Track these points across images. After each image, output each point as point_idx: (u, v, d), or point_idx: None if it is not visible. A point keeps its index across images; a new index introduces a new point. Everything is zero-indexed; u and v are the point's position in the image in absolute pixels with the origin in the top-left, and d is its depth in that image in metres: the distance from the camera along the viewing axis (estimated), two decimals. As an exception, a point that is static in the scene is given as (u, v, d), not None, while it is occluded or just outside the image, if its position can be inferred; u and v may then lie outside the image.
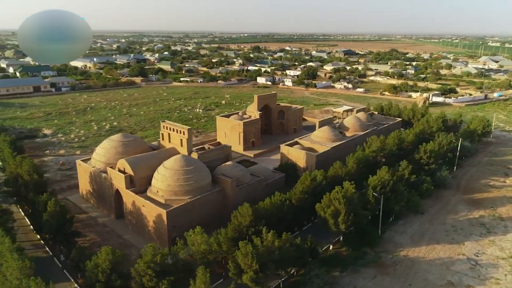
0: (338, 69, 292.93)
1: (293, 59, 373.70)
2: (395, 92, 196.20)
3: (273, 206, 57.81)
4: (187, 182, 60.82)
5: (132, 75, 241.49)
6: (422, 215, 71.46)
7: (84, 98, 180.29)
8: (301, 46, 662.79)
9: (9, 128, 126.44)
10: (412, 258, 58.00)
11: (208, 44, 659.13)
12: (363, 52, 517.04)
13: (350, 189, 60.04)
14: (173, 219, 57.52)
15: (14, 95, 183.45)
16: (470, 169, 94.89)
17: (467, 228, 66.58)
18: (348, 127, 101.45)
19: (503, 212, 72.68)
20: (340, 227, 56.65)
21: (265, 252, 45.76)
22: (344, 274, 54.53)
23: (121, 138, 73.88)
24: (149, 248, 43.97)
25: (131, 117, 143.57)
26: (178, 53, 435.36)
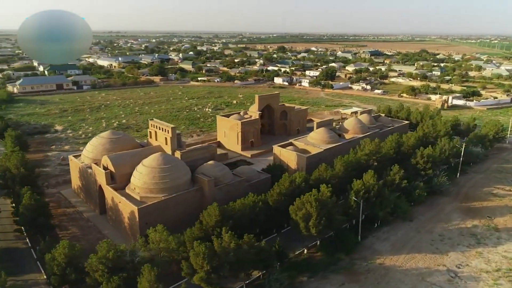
0: (360, 70, 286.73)
1: (316, 59, 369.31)
2: (414, 94, 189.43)
3: (244, 207, 57.09)
4: (162, 180, 61.19)
5: (152, 74, 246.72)
6: (411, 222, 68.42)
7: (101, 96, 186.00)
8: (328, 46, 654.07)
9: (24, 124, 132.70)
10: (388, 267, 55.57)
11: (235, 45, 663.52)
12: (391, 53, 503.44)
13: (325, 192, 58.35)
14: (146, 216, 57.94)
15: (37, 92, 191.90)
16: (475, 176, 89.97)
17: (456, 238, 63.08)
18: (348, 129, 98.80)
19: (500, 223, 68.38)
20: (311, 230, 55.13)
21: (222, 253, 45.18)
22: (312, 280, 53.05)
23: (110, 135, 75.43)
24: (104, 244, 44.51)
25: (141, 115, 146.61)
26: (202, 53, 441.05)
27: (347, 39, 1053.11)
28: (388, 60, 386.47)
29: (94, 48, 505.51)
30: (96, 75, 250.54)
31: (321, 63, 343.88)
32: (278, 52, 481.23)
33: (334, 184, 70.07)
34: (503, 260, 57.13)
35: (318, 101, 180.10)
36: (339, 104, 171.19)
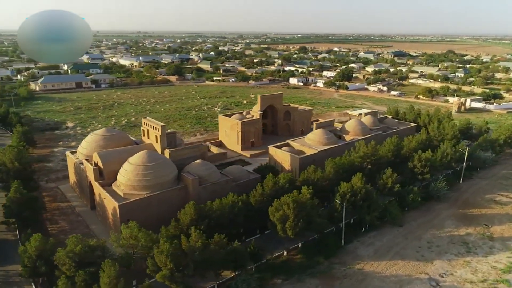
0: (380, 71, 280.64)
1: (336, 60, 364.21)
2: (431, 96, 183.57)
3: (223, 207, 56.96)
4: (145, 178, 61.94)
5: (169, 74, 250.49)
6: (400, 227, 66.25)
7: (117, 94, 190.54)
8: (352, 47, 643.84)
9: (38, 120, 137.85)
10: (366, 272, 54.02)
11: (257, 45, 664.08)
12: (416, 53, 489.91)
13: (305, 194, 57.41)
14: (127, 213, 58.76)
15: (57, 90, 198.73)
16: (479, 182, 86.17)
17: (445, 246, 60.57)
18: (349, 131, 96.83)
19: (496, 231, 65.15)
20: (288, 232, 54.35)
21: (188, 251, 45.23)
22: (287, 282, 52.32)
23: (104, 133, 77.09)
24: (73, 238, 45.48)
25: (151, 113, 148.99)
26: (223, 53, 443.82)
27: (373, 40, 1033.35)
28: (411, 61, 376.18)
29: (120, 48, 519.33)
30: (116, 74, 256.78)
31: (341, 63, 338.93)
32: (299, 53, 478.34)
33: (324, 186, 69.19)
34: (491, 271, 54.39)
35: (330, 102, 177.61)
36: (350, 106, 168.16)
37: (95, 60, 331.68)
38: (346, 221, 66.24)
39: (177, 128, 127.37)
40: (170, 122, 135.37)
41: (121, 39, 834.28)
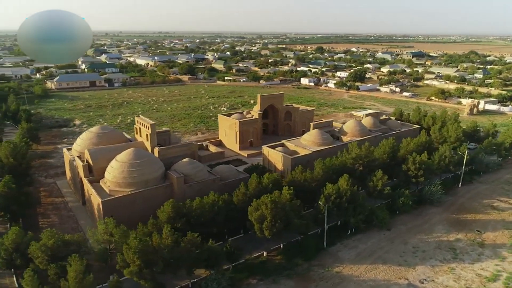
0: (395, 71, 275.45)
1: (352, 60, 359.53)
2: (444, 98, 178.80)
3: (203, 206, 57.12)
4: (130, 175, 62.82)
5: (181, 73, 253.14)
6: (388, 231, 64.83)
7: (128, 93, 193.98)
8: (371, 47, 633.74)
9: (48, 117, 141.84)
10: (344, 276, 53.12)
11: (275, 45, 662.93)
12: (436, 54, 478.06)
13: (285, 195, 56.94)
14: (110, 209, 59.69)
15: (72, 88, 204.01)
16: (479, 186, 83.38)
17: (431, 251, 58.88)
18: (347, 132, 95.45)
19: (489, 238, 62.87)
20: (265, 232, 54.03)
21: (158, 248, 45.62)
22: (262, 283, 52.04)
23: (98, 130, 78.54)
24: (47, 232, 46.58)
25: (157, 112, 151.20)
26: (239, 53, 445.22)
27: (394, 40, 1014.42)
28: (430, 61, 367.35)
29: (139, 47, 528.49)
30: (131, 73, 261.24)
31: (356, 64, 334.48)
32: (316, 53, 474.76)
33: (312, 187, 68.44)
34: (475, 278, 52.55)
35: (338, 102, 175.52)
36: (358, 106, 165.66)
37: (113, 60, 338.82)
38: (333, 224, 65.65)
39: (180, 127, 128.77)
40: (174, 121, 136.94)
41: (142, 39, 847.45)
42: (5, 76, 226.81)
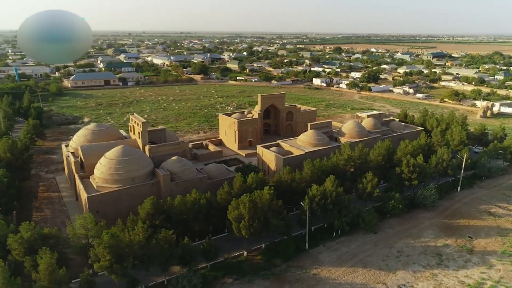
0: (411, 72, 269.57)
1: (369, 61, 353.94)
2: (458, 100, 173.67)
3: (185, 204, 57.49)
4: (117, 172, 63.92)
5: (194, 73, 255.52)
6: (375, 234, 63.56)
7: (140, 92, 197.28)
8: (392, 48, 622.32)
9: (59, 115, 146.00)
10: (320, 278, 52.43)
11: (294, 45, 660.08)
12: (459, 55, 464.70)
13: (265, 195, 56.65)
14: (96, 205, 61.02)
15: (86, 87, 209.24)
16: (479, 191, 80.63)
17: (415, 256, 57.36)
18: (345, 133, 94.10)
19: (479, 245, 60.73)
20: (242, 232, 53.92)
21: (130, 244, 46.24)
22: (237, 282, 52.02)
23: (94, 127, 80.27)
24: (25, 225, 47.95)
25: (165, 111, 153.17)
26: (255, 53, 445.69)
27: (417, 41, 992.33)
28: (450, 62, 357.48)
29: (158, 47, 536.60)
30: (146, 73, 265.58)
31: (372, 64, 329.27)
32: (334, 53, 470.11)
33: (302, 188, 67.74)
34: (457, 286, 50.88)
35: (347, 103, 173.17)
36: (367, 108, 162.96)
37: (131, 59, 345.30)
38: (320, 225, 64.94)
39: (183, 126, 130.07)
40: (179, 120, 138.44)
41: (164, 39, 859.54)
42: (26, 74, 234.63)
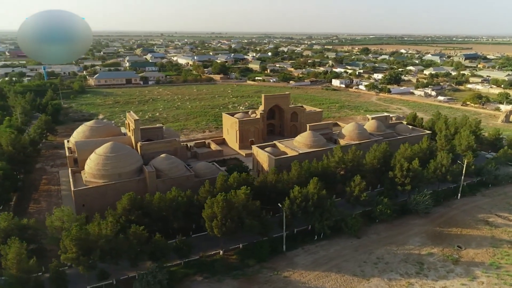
0: (437, 74, 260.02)
1: (395, 62, 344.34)
2: (481, 103, 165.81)
3: (164, 201, 58.32)
4: (104, 167, 65.72)
5: (214, 73, 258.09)
6: (358, 239, 61.89)
7: (158, 91, 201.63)
8: (425, 49, 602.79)
9: (76, 111, 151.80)
10: (290, 281, 51.65)
11: (321, 46, 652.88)
12: (495, 56, 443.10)
13: (240, 194, 56.51)
14: (82, 199, 63.05)
15: (109, 85, 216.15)
16: (480, 199, 76.69)
17: (394, 264, 55.36)
18: (345, 135, 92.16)
19: (467, 255, 57.79)
20: (214, 230, 54.07)
21: (97, 238, 47.50)
22: (206, 281, 52.19)
23: (93, 124, 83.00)
24: (3, 215, 50.26)
25: (177, 109, 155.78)
26: (280, 53, 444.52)
27: (453, 41, 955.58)
28: (482, 64, 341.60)
29: (185, 47, 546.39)
30: (168, 72, 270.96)
31: (398, 66, 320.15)
32: (361, 54, 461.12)
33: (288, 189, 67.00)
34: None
35: (362, 105, 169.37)
36: (382, 110, 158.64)
37: (157, 59, 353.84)
38: (303, 228, 64.03)
39: (191, 124, 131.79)
40: (189, 118, 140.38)
41: (193, 39, 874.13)
42: (54, 73, 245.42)
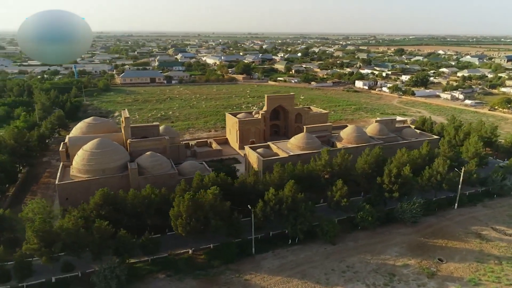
0: (470, 77, 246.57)
1: (428, 63, 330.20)
2: (509, 108, 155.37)
3: (137, 198, 59.28)
4: (88, 163, 67.77)
5: (237, 73, 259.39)
6: (333, 246, 59.85)
7: (178, 90, 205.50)
8: (466, 50, 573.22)
9: (96, 109, 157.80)
10: (250, 284, 50.80)
11: (355, 46, 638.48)
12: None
13: (209, 194, 56.31)
14: (65, 192, 65.31)
15: (133, 84, 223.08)
16: (479, 210, 71.80)
17: (364, 274, 52.95)
18: (343, 138, 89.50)
19: (446, 270, 54.27)
20: (178, 229, 54.26)
21: (59, 231, 49.06)
22: (168, 279, 52.48)
23: (91, 121, 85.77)
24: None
25: (191, 108, 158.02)
26: (310, 54, 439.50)
27: (500, 42, 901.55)
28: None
29: (217, 48, 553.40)
30: (194, 72, 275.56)
31: (431, 67, 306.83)
32: (395, 55, 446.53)
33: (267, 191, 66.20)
34: (393, 311, 46.09)
35: (380, 107, 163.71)
36: (401, 113, 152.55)
37: (186, 58, 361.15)
38: (280, 231, 62.84)
39: (200, 124, 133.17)
40: (200, 118, 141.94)
41: (229, 39, 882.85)
42: (86, 71, 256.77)
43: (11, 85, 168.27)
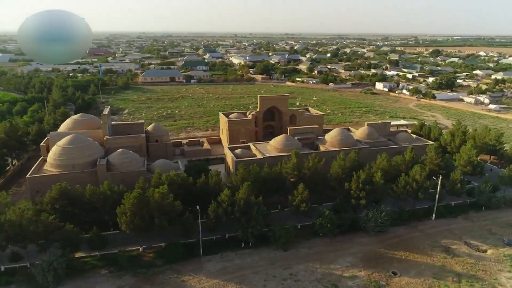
0: (503, 79, 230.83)
1: (463, 65, 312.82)
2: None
3: (95, 194, 60.54)
4: (60, 158, 70.09)
5: (257, 73, 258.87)
6: (284, 252, 57.96)
7: (193, 89, 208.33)
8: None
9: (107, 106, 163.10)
10: (185, 286, 50.28)
11: (392, 47, 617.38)
12: None
13: (156, 193, 56.36)
14: (36, 185, 67.85)
15: (153, 82, 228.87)
16: (458, 223, 66.89)
17: (305, 283, 50.78)
18: (327, 141, 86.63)
19: (397, 284, 50.95)
20: (122, 226, 54.78)
21: (4, 222, 51.07)
22: (110, 274, 53.03)
23: (78, 117, 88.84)
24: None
25: (198, 108, 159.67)
26: (340, 54, 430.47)
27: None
28: None
29: (248, 48, 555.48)
30: (216, 72, 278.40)
31: (465, 69, 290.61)
32: (430, 56, 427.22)
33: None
34: (320, 324, 43.81)
35: (392, 111, 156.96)
36: (414, 117, 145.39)
37: (213, 58, 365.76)
38: (236, 234, 61.82)
39: (200, 123, 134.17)
40: (203, 117, 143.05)
41: (264, 40, 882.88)
42: (112, 70, 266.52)
43: (35, 82, 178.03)
